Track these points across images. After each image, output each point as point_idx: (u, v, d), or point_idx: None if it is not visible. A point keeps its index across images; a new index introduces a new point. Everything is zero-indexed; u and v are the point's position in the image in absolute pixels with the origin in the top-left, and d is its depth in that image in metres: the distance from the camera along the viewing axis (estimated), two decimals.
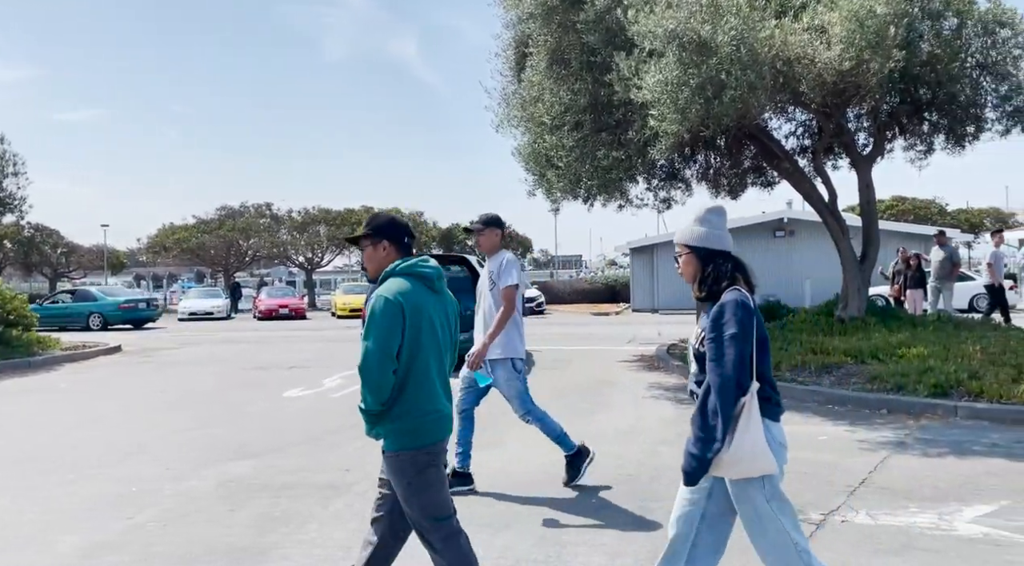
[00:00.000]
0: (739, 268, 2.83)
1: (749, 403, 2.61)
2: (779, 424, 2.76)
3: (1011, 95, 9.60)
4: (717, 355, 2.62)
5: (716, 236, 2.85)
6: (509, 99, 10.91)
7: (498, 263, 5.27)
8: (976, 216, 44.85)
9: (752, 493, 2.66)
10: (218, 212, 45.77)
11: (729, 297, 2.70)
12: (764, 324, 2.77)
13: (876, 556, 3.90)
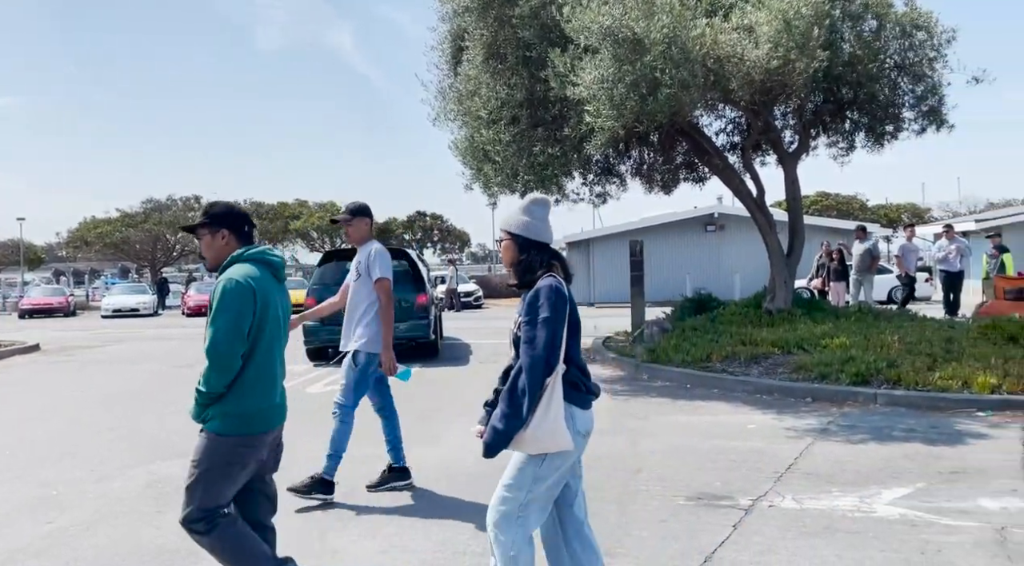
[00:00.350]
0: (556, 258, 2.97)
1: (554, 383, 2.77)
2: (587, 412, 2.93)
3: (926, 96, 10.07)
4: (530, 336, 2.76)
5: (536, 227, 2.95)
6: (446, 93, 10.86)
7: (366, 254, 5.09)
8: (894, 212, 46.97)
9: (528, 466, 2.84)
10: (143, 205, 44.25)
11: (544, 282, 2.83)
12: (577, 310, 2.92)
13: (801, 538, 4.06)
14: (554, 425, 2.75)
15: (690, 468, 5.49)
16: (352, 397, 5.02)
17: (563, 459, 2.84)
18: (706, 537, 4.11)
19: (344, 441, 4.97)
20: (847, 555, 3.81)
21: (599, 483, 5.12)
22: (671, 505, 4.67)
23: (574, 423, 2.83)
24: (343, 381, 5.04)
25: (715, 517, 4.43)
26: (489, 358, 12.05)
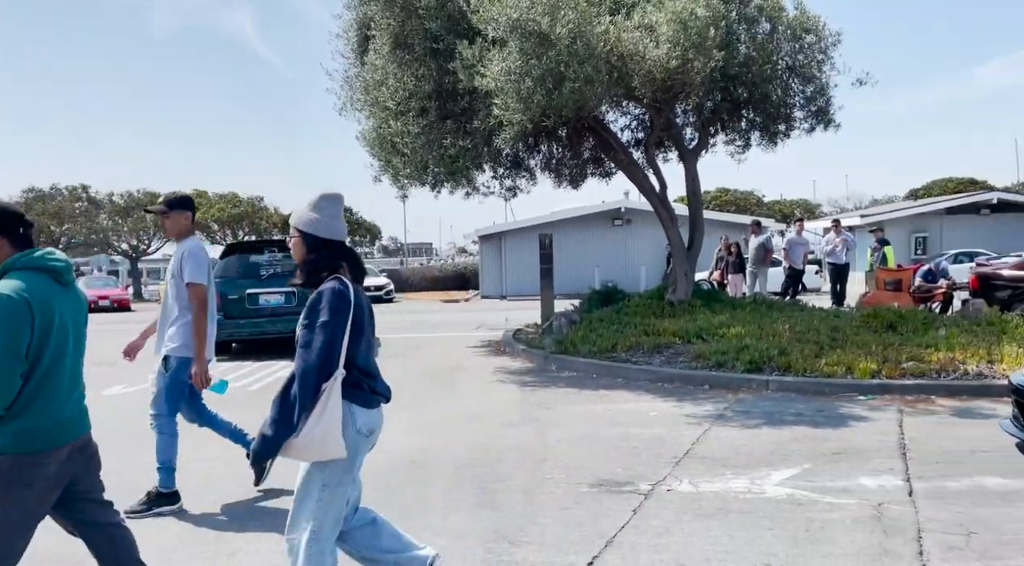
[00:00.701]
0: (347, 258, 2.88)
1: (331, 389, 2.68)
2: (372, 411, 2.86)
3: (815, 97, 10.62)
4: (306, 341, 2.67)
5: (325, 225, 2.85)
6: (352, 82, 10.67)
7: (180, 253, 4.68)
8: (789, 207, 49.33)
9: (315, 474, 2.76)
10: (24, 194, 41.35)
11: (327, 285, 2.75)
12: (366, 314, 2.85)
13: (696, 520, 4.23)
14: (325, 433, 2.66)
15: (594, 456, 5.61)
16: (165, 406, 4.67)
17: (349, 462, 2.77)
18: (607, 522, 4.22)
19: (170, 450, 4.64)
20: (738, 535, 3.99)
21: (506, 474, 5.18)
22: (575, 492, 4.77)
23: (354, 422, 2.76)
24: (153, 390, 4.73)
25: (617, 502, 4.55)
26: (399, 353, 11.94)
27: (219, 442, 6.28)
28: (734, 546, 3.84)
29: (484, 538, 4.02)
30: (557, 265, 15.01)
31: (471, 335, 14.40)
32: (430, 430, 6.58)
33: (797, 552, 3.74)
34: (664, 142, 12.61)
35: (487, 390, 8.53)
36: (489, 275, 30.35)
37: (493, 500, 4.64)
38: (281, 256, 11.75)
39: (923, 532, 3.94)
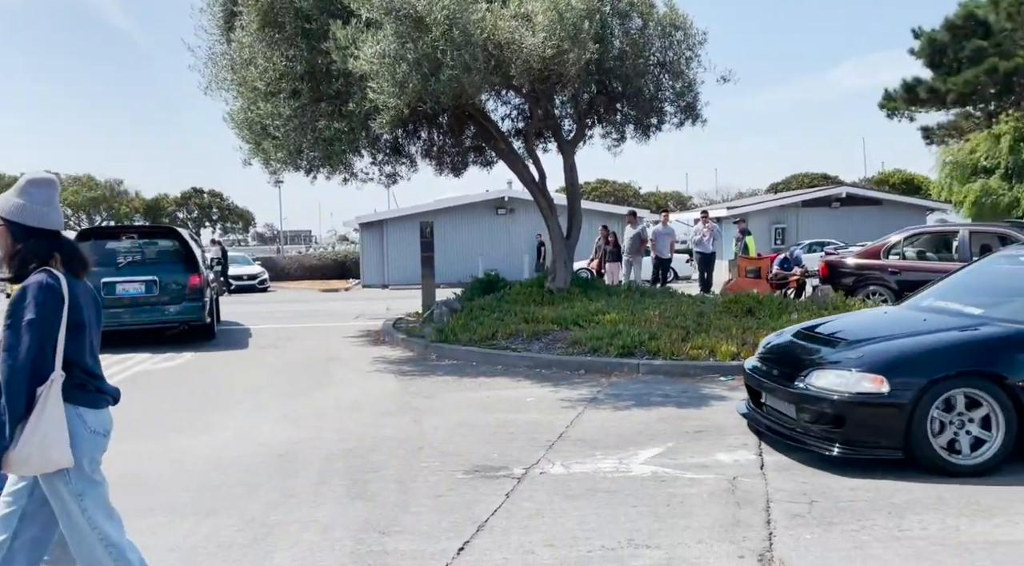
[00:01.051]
0: (63, 249, 2.65)
1: (47, 394, 2.48)
2: (101, 411, 2.70)
3: (684, 92, 11.08)
4: (11, 344, 2.44)
5: (35, 212, 2.60)
6: (218, 60, 10.14)
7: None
8: (663, 199, 51.42)
9: (58, 487, 2.57)
10: None
11: (33, 279, 2.53)
12: (87, 308, 2.65)
13: (566, 501, 4.33)
14: (45, 443, 2.44)
15: (471, 442, 5.64)
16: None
17: (90, 465, 2.61)
18: (481, 507, 4.25)
19: None
20: (605, 512, 4.13)
21: (380, 464, 5.12)
22: (450, 479, 4.77)
23: (85, 423, 2.59)
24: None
25: (491, 487, 4.59)
26: (271, 344, 11.54)
27: None
28: (600, 524, 3.97)
29: (354, 529, 3.96)
30: (440, 254, 14.96)
31: (350, 325, 14.11)
32: (302, 421, 6.40)
33: (659, 526, 3.91)
34: (544, 133, 12.78)
35: (364, 380, 8.39)
36: (370, 264, 29.84)
37: (365, 491, 4.58)
38: (142, 243, 11.06)
39: (771, 502, 4.21)
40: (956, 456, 4.52)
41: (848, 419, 4.65)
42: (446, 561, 3.56)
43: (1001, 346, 4.71)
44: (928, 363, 4.63)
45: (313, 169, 11.33)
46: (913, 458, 4.53)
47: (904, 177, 46.48)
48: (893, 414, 4.52)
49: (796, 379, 4.97)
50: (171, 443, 5.76)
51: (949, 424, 4.53)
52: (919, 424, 4.47)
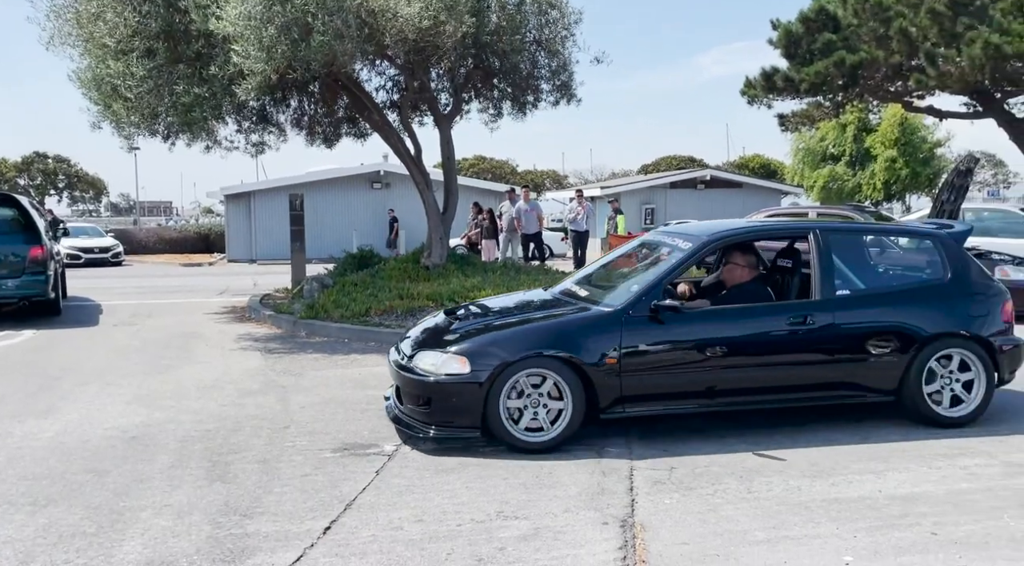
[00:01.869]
0: None
1: None
2: None
3: (560, 71, 11.19)
4: None
5: None
6: (61, 12, 9.23)
7: None
8: (540, 176, 52.12)
9: None
10: None
11: None
12: None
13: (437, 476, 4.32)
14: None
15: (340, 420, 5.51)
16: None
17: None
18: (348, 485, 4.17)
19: None
20: (475, 486, 4.15)
21: (242, 444, 4.91)
22: (317, 458, 4.65)
23: None
24: None
25: (360, 465, 4.51)
26: (125, 321, 10.79)
27: None
28: (470, 497, 3.98)
29: (212, 513, 3.77)
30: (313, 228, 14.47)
31: (213, 301, 13.43)
32: (157, 403, 6.02)
33: (527, 498, 3.98)
34: (419, 106, 12.56)
35: (227, 358, 8.01)
36: (237, 237, 28.50)
37: (225, 473, 4.37)
38: None
39: (634, 471, 4.39)
40: (534, 434, 4.72)
41: (434, 400, 4.80)
42: (311, 541, 3.47)
43: (574, 329, 4.93)
44: (507, 345, 4.79)
45: (171, 135, 10.62)
46: (492, 436, 4.74)
47: (762, 162, 49.49)
48: (473, 393, 4.67)
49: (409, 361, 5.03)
50: (6, 428, 5.27)
51: (525, 404, 4.74)
52: (493, 404, 4.66)
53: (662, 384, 4.94)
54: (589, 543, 3.44)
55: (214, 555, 3.32)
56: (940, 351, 5.15)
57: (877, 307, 5.20)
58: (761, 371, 5.05)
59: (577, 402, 4.73)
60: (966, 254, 5.54)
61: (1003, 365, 5.27)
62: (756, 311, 5.19)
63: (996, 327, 5.28)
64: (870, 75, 15.86)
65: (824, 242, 5.28)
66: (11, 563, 3.23)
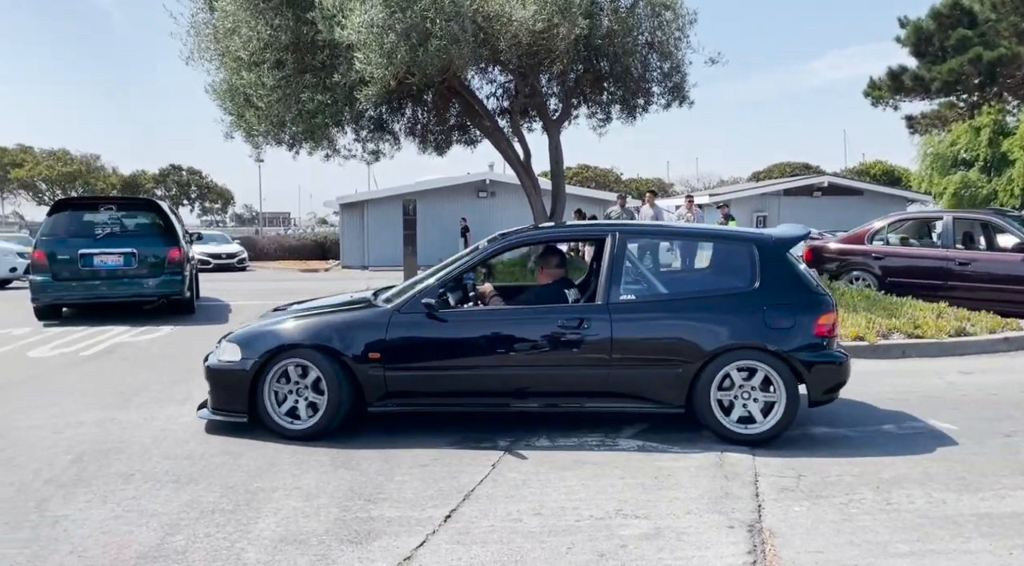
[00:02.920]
0: None
1: None
2: None
3: (672, 73, 11.03)
4: None
5: None
6: (200, 29, 9.92)
7: None
8: (644, 184, 51.47)
9: None
10: None
11: None
12: None
13: (552, 472, 4.30)
14: None
15: (453, 416, 5.58)
16: None
17: None
18: (466, 477, 4.20)
19: None
20: (592, 484, 4.09)
21: (363, 435, 5.04)
22: (434, 451, 4.71)
23: None
24: None
25: (476, 458, 4.55)
26: (251, 319, 11.36)
27: (45, 409, 5.74)
28: (588, 494, 3.93)
29: (338, 497, 3.89)
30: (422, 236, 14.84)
31: None
32: None
33: (647, 498, 3.89)
34: (529, 111, 12.69)
35: None
36: (351, 244, 29.60)
37: (349, 460, 4.51)
38: (120, 215, 10.83)
39: (759, 477, 4.21)
40: (297, 421, 4.89)
41: (215, 384, 5.06)
42: (433, 528, 3.51)
43: (342, 324, 5.01)
44: (275, 337, 4.97)
45: (296, 144, 11.18)
46: (260, 422, 4.92)
47: (885, 168, 46.92)
48: (241, 379, 4.88)
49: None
50: (151, 413, 5.64)
51: (290, 393, 4.93)
52: (260, 390, 4.87)
53: (428, 381, 4.97)
54: (715, 546, 3.32)
55: (342, 536, 3.42)
56: (733, 363, 4.76)
57: (665, 314, 4.92)
58: (530, 373, 4.93)
59: (335, 394, 4.85)
60: (786, 262, 5.02)
61: (811, 383, 4.79)
62: (525, 313, 5.11)
63: (803, 341, 4.76)
64: (1009, 73, 14.82)
65: (619, 245, 5.04)
66: (158, 534, 3.43)
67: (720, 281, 5.33)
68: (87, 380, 6.61)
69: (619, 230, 5.21)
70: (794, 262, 5.09)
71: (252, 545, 3.32)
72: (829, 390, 4.89)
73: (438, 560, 3.19)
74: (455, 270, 5.21)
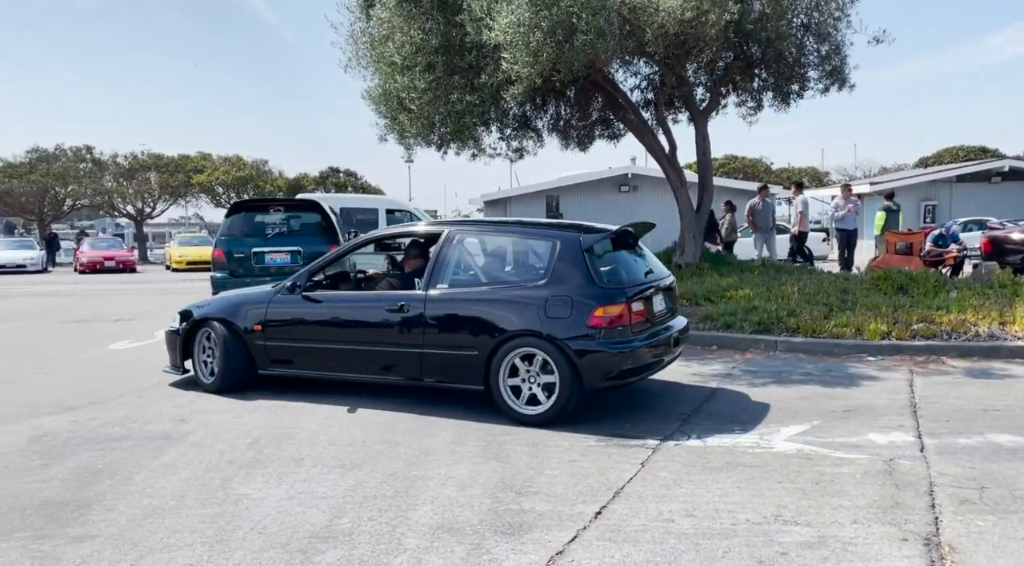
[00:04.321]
0: None
1: None
2: None
3: (831, 55, 10.37)
4: None
5: None
6: (357, 37, 10.44)
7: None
8: (797, 175, 48.85)
9: None
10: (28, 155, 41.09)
11: None
12: None
13: (704, 473, 4.19)
14: None
15: (600, 411, 5.57)
16: None
17: None
18: (615, 474, 4.18)
19: None
20: (747, 487, 3.95)
21: (512, 427, 5.14)
22: (582, 446, 4.73)
23: None
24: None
25: (624, 456, 4.51)
26: None
27: (227, 397, 6.27)
28: (743, 498, 3.80)
29: (490, 488, 3.99)
30: None
31: None
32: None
33: (808, 504, 3.70)
34: (674, 102, 12.39)
35: None
36: None
37: (499, 452, 4.61)
38: (288, 215, 11.65)
39: (935, 486, 3.89)
40: (204, 376, 6.45)
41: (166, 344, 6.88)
42: (583, 523, 3.52)
43: (241, 301, 6.46)
44: (199, 309, 6.61)
45: (444, 144, 11.52)
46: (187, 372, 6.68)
47: None
48: (175, 341, 6.67)
49: None
50: (314, 400, 6.02)
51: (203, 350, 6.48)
52: (190, 351, 6.54)
53: (294, 352, 6.14)
54: (887, 559, 3.11)
55: (496, 526, 3.50)
56: (517, 349, 5.25)
57: (467, 302, 5.49)
58: (363, 349, 5.83)
59: (231, 359, 6.24)
60: (579, 258, 5.33)
61: (583, 370, 5.12)
62: (363, 298, 6.12)
63: (577, 332, 5.12)
64: None
65: (447, 240, 5.76)
66: (327, 516, 3.67)
67: (521, 274, 5.78)
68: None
69: (452, 227, 5.99)
70: (589, 258, 5.36)
71: (412, 531, 3.47)
72: (612, 377, 5.22)
73: (590, 556, 3.20)
74: (319, 263, 6.41)
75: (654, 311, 5.56)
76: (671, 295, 6.06)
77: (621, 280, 5.41)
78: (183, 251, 28.52)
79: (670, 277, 6.14)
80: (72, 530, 3.51)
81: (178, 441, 4.93)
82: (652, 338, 5.39)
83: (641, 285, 5.50)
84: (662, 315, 5.72)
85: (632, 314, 5.25)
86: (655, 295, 5.63)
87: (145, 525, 3.56)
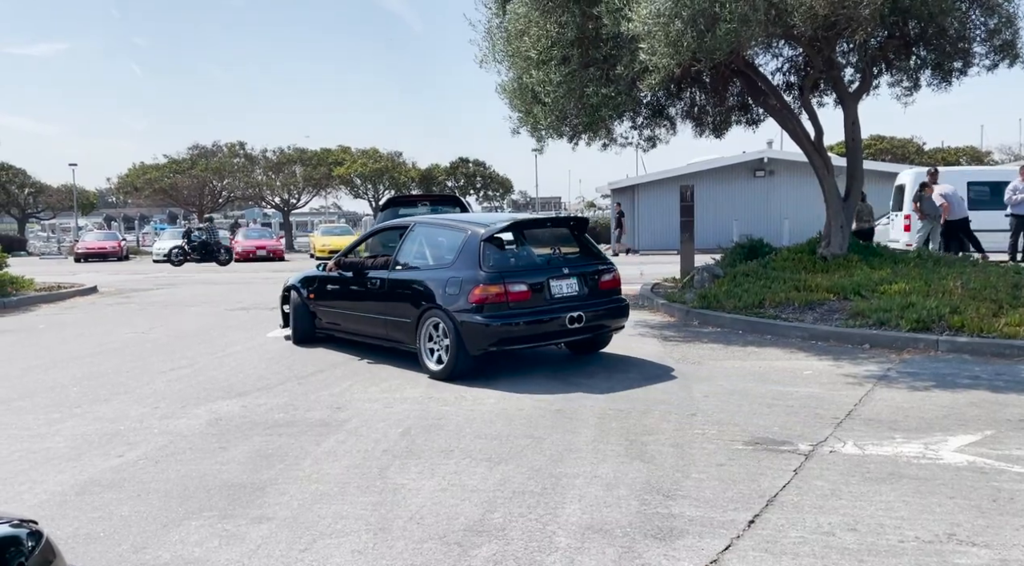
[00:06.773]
0: None
1: None
2: None
3: (1000, 29, 9.47)
4: None
5: None
6: (493, 33, 10.57)
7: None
8: (952, 155, 45.09)
9: None
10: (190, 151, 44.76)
11: None
12: None
13: (865, 483, 3.98)
14: None
15: (746, 413, 5.42)
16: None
17: None
18: (767, 481, 4.06)
19: None
20: (914, 501, 3.73)
21: (654, 427, 5.11)
22: (728, 449, 4.62)
23: None
24: None
25: (775, 462, 4.37)
26: None
27: (377, 385, 6.59)
28: (910, 513, 3.59)
29: (636, 489, 3.98)
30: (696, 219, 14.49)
31: None
32: (569, 379, 6.58)
33: (985, 523, 3.45)
34: (820, 85, 11.74)
35: (628, 342, 8.42)
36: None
37: (643, 452, 4.59)
38: (431, 209, 12.11)
39: None
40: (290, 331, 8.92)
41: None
42: (737, 532, 3.45)
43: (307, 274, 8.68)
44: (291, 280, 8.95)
45: (576, 135, 11.49)
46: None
47: None
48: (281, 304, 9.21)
49: None
50: (459, 394, 6.22)
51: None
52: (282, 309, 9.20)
53: (332, 317, 8.08)
54: None
55: (646, 530, 3.49)
56: (430, 319, 6.63)
57: (408, 281, 6.97)
58: (364, 317, 7.54)
59: (298, 319, 8.54)
60: (474, 247, 6.54)
61: (465, 337, 6.36)
62: (358, 277, 7.61)
63: (461, 306, 6.38)
64: None
65: (408, 231, 7.39)
66: (479, 509, 3.79)
67: (441, 259, 6.89)
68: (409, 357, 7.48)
69: (417, 222, 7.53)
70: (484, 247, 6.52)
71: (562, 529, 3.52)
72: (493, 344, 6.36)
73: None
74: (348, 246, 8.45)
75: (552, 294, 6.57)
76: (591, 281, 6.89)
77: (505, 266, 6.56)
78: (325, 240, 30.13)
79: (597, 265, 7.07)
80: (251, 511, 3.82)
81: (336, 429, 5.24)
82: (535, 316, 6.41)
83: (526, 270, 6.61)
84: (570, 298, 6.66)
85: (509, 294, 6.35)
86: (556, 280, 6.62)
87: (314, 510, 3.82)
